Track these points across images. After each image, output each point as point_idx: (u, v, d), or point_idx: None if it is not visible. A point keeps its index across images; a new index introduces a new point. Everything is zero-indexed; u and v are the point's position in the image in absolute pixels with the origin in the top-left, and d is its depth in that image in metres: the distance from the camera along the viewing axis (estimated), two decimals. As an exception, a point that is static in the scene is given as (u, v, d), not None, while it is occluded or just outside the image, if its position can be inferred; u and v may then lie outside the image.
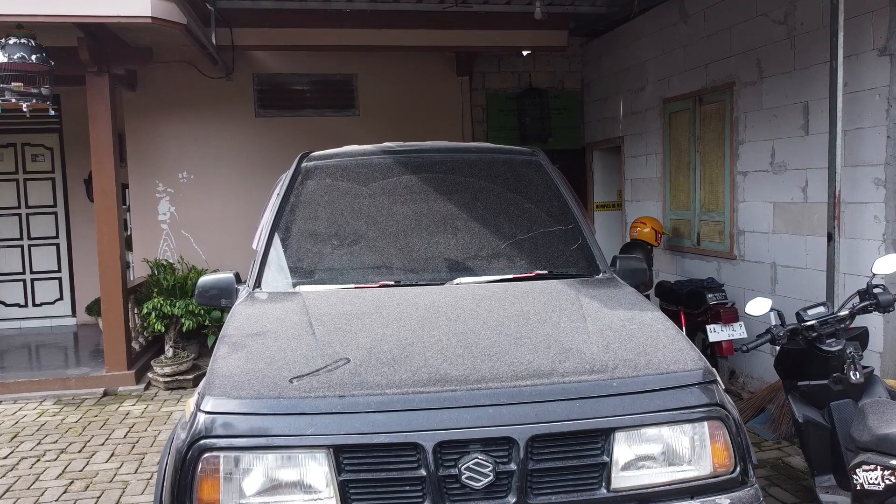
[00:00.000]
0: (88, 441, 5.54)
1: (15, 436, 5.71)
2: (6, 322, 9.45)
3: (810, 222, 5.32)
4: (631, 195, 8.20)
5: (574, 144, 9.33)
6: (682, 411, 2.30)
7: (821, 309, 3.51)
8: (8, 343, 8.65)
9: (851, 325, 3.47)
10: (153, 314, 7.02)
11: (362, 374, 2.34)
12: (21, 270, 9.52)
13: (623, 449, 2.27)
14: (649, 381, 2.34)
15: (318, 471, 2.17)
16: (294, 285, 3.25)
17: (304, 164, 3.80)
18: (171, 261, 7.95)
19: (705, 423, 2.32)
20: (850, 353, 3.38)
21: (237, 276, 3.45)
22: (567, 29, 7.82)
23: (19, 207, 9.44)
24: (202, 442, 2.19)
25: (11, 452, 5.33)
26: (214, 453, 2.18)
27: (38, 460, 5.17)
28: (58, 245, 9.57)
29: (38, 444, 5.52)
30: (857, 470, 2.94)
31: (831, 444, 3.48)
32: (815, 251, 5.25)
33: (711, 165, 6.54)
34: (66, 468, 5.01)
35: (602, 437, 2.25)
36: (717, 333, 5.59)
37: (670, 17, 7.09)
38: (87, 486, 4.69)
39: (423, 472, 2.16)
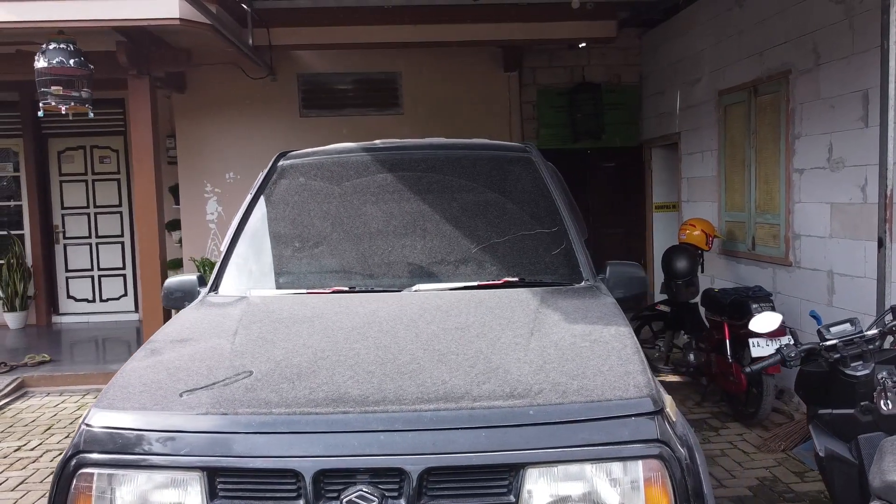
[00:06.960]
0: (113, 436, 5.64)
1: (49, 428, 5.89)
2: (76, 316, 9.91)
3: (869, 225, 4.70)
4: (687, 195, 7.63)
5: (631, 141, 8.81)
6: (610, 447, 1.96)
7: (846, 326, 3.04)
8: (72, 337, 9.06)
9: (885, 347, 3.00)
10: (191, 312, 7.12)
11: (257, 391, 2.14)
12: (90, 267, 9.97)
13: (535, 488, 1.95)
14: (574, 409, 2.01)
15: (191, 494, 1.99)
16: (247, 290, 3.10)
17: (279, 163, 3.65)
18: (216, 260, 8.06)
19: (639, 462, 1.97)
20: (882, 378, 2.92)
21: (200, 278, 3.34)
22: (615, 19, 7.35)
23: (88, 207, 9.89)
24: (80, 456, 2.06)
25: (39, 444, 5.50)
26: (89, 469, 2.04)
27: (61, 453, 5.30)
28: (123, 243, 9.96)
29: (67, 437, 5.67)
30: (868, 521, 2.49)
31: (860, 484, 3.01)
32: (874, 258, 4.62)
33: (767, 162, 5.95)
34: (82, 463, 5.11)
35: (510, 474, 1.95)
36: (760, 348, 5.03)
37: (725, 2, 6.52)
38: (95, 483, 4.75)
39: (301, 503, 1.94)
